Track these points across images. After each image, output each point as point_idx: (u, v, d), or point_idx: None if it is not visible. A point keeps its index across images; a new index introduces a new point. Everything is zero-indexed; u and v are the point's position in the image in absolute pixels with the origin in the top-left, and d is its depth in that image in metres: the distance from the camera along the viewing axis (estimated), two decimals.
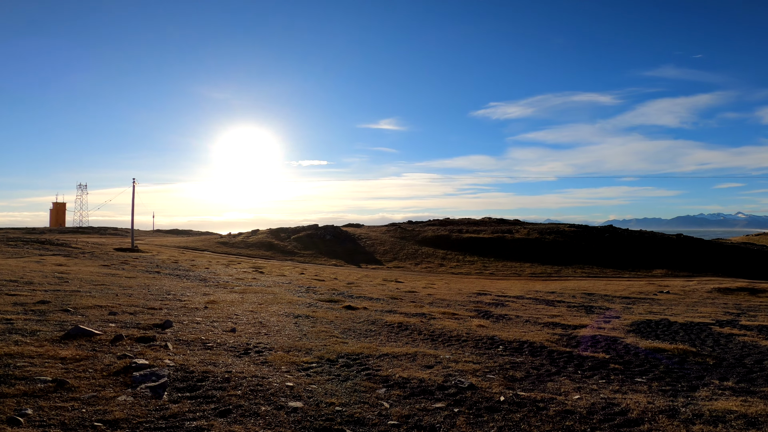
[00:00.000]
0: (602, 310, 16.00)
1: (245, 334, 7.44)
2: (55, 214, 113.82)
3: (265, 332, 7.68)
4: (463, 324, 10.41)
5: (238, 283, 17.29)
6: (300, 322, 8.87)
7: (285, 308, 10.64)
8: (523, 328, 10.43)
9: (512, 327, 10.45)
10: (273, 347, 6.63)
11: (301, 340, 7.20)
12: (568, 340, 8.96)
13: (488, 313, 13.12)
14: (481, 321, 11.08)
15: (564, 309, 15.64)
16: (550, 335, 9.34)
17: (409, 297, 16.47)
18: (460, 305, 15.10)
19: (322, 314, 10.06)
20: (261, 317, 9.09)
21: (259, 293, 13.68)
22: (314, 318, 9.43)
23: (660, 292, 24.98)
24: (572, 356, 7.50)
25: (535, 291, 24.20)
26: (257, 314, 9.39)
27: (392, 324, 9.58)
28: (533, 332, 9.70)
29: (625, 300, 20.73)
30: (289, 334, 7.67)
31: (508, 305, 15.92)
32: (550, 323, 11.30)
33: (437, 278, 32.75)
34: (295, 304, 11.54)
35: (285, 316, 9.46)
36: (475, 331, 9.44)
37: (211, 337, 6.99)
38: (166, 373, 4.96)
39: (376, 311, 11.45)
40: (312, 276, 26.72)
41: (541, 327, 10.66)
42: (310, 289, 17.09)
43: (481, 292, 20.98)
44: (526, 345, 8.20)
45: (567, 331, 10.14)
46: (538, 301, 17.97)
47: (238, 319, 8.66)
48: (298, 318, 9.29)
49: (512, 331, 9.69)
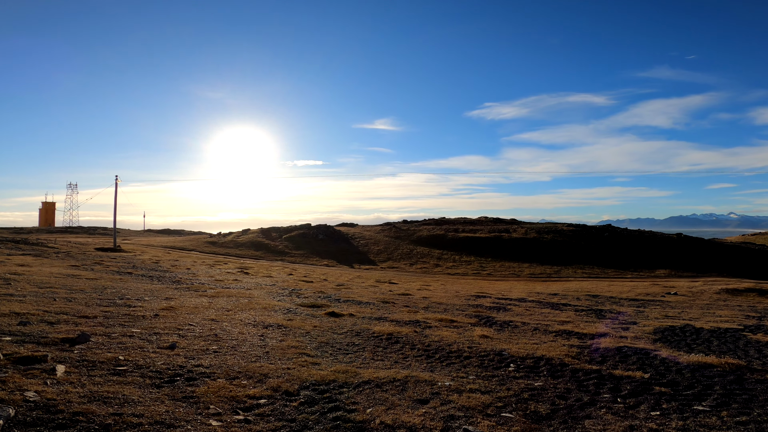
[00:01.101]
0: (614, 314, 14.61)
1: (187, 351, 5.92)
2: (44, 214, 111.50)
3: (215, 349, 6.16)
4: (464, 334, 8.94)
5: (215, 286, 15.72)
6: (268, 334, 7.36)
7: (256, 316, 9.13)
8: (533, 338, 8.98)
9: (521, 337, 8.99)
10: (215, 372, 5.11)
11: (259, 361, 5.69)
12: (590, 354, 7.53)
13: (490, 320, 11.67)
14: (483, 330, 9.62)
15: (572, 313, 14.24)
16: (567, 348, 7.90)
17: (403, 300, 14.99)
18: (459, 310, 13.65)
19: (299, 323, 8.56)
20: (221, 328, 7.57)
21: (233, 297, 12.14)
22: (287, 329, 7.92)
23: (667, 294, 23.68)
24: (603, 376, 6.06)
25: (537, 293, 22.81)
26: (218, 324, 7.88)
27: (380, 335, 8.09)
28: (547, 344, 8.25)
29: (633, 302, 19.38)
30: (246, 351, 6.15)
31: (511, 309, 14.48)
32: (563, 332, 9.86)
33: (433, 279, 31.29)
34: (270, 311, 10.02)
35: (252, 326, 7.95)
36: (478, 343, 7.98)
37: (136, 356, 5.47)
38: (8, 414, 3.42)
39: (363, 318, 9.96)
40: (300, 277, 25.17)
41: (553, 336, 9.22)
42: (294, 292, 15.57)
43: (480, 295, 19.54)
44: (543, 362, 6.75)
45: (585, 342, 8.71)
46: (542, 305, 16.56)
47: (189, 331, 7.15)
48: (267, 329, 7.78)
49: (522, 343, 8.23)
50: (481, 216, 66.45)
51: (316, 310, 10.85)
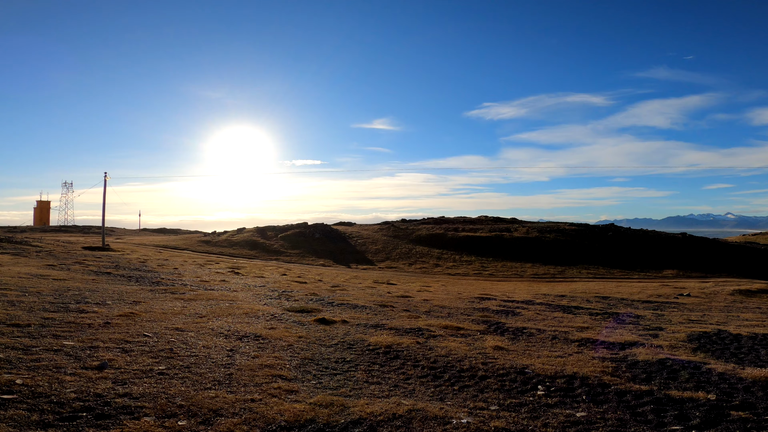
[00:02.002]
0: (633, 318, 13.39)
1: (120, 373, 4.63)
2: (39, 213, 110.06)
3: (161, 370, 4.88)
4: (474, 345, 7.70)
5: (198, 287, 14.42)
6: (240, 348, 6.10)
7: (233, 323, 7.85)
8: (554, 349, 7.74)
9: (540, 348, 7.75)
10: (144, 407, 3.81)
11: (216, 389, 4.41)
12: (629, 369, 6.30)
13: (501, 326, 10.42)
14: (496, 339, 8.37)
15: (588, 318, 13.01)
16: (599, 361, 6.67)
17: (402, 303, 13.73)
18: (464, 314, 12.40)
19: (281, 333, 7.29)
20: (183, 340, 6.30)
21: (212, 301, 10.86)
22: (265, 341, 6.65)
23: (680, 295, 22.50)
24: (659, 400, 4.85)
25: (543, 294, 21.58)
26: (181, 335, 6.60)
27: (377, 348, 6.84)
28: (573, 357, 7.02)
29: (648, 305, 18.18)
30: (203, 373, 4.87)
31: (521, 314, 13.24)
32: (585, 340, 8.61)
33: (433, 280, 30.05)
34: (251, 317, 8.75)
35: (224, 337, 6.68)
36: (493, 357, 6.73)
37: (41, 380, 4.18)
38: None
39: (358, 326, 8.71)
40: (294, 277, 23.89)
41: (577, 347, 7.99)
42: (284, 294, 14.29)
43: (484, 297, 18.29)
44: (577, 382, 5.51)
45: (616, 352, 7.48)
46: (552, 308, 15.33)
47: (138, 345, 5.86)
48: (241, 340, 6.51)
49: (544, 357, 6.99)
50: (480, 215, 65.25)
51: (304, 315, 9.58)
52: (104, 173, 42.53)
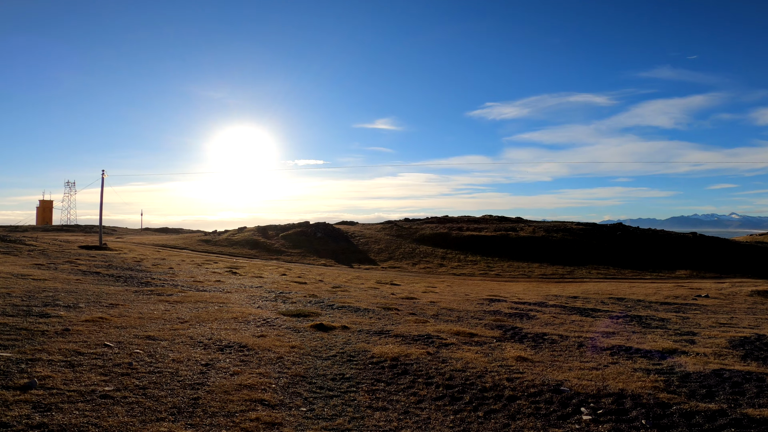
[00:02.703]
0: (658, 321, 12.38)
1: (48, 396, 3.69)
2: (41, 212, 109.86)
3: (109, 390, 3.95)
4: (493, 355, 6.72)
5: (189, 288, 13.50)
6: (218, 362, 5.14)
7: (218, 330, 6.90)
8: (585, 359, 6.75)
9: (568, 358, 6.77)
10: None
11: (172, 419, 3.46)
12: (683, 383, 5.33)
13: (518, 332, 9.44)
14: (516, 348, 7.39)
15: (609, 322, 12.00)
16: (643, 374, 5.71)
17: (408, 306, 12.76)
18: (475, 318, 11.43)
19: (271, 342, 6.33)
20: (151, 351, 5.35)
21: (201, 303, 9.92)
22: (251, 352, 5.69)
23: (698, 296, 21.41)
24: (737, 422, 3.99)
25: (554, 296, 20.56)
26: (152, 344, 5.66)
27: (382, 361, 5.87)
28: (611, 368, 6.04)
29: (667, 307, 17.14)
30: (161, 397, 3.91)
31: (536, 317, 12.25)
32: (617, 348, 7.62)
33: (438, 280, 29.05)
34: (240, 322, 7.80)
35: (203, 347, 5.73)
36: (518, 371, 5.75)
37: None
38: None
39: (360, 333, 7.74)
40: (294, 278, 22.95)
41: (611, 356, 7.00)
42: (281, 296, 13.34)
43: (493, 298, 17.30)
44: (628, 401, 4.57)
45: (657, 362, 6.51)
46: (567, 310, 14.33)
47: (91, 358, 4.93)
48: (222, 352, 5.56)
49: (576, 369, 6.01)
50: (485, 214, 64.16)
51: (301, 320, 8.62)
52: (102, 171, 41.77)
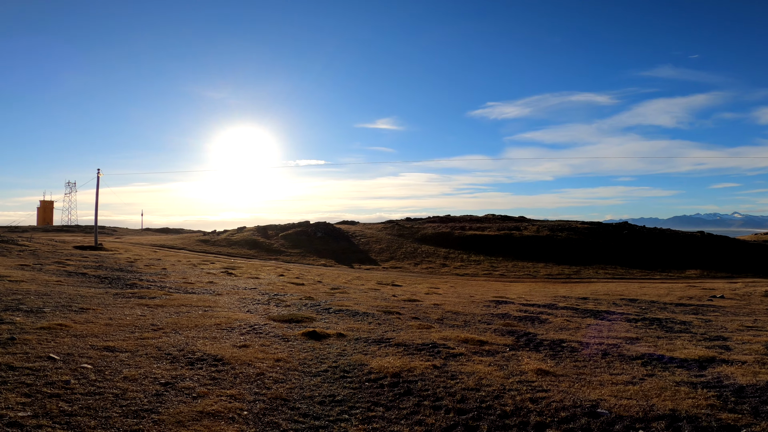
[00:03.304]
0: (681, 325, 11.49)
1: None
2: (42, 213, 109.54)
3: (17, 419, 3.14)
4: (509, 367, 5.86)
5: (177, 290, 12.68)
6: (183, 380, 4.29)
7: (195, 339, 6.06)
8: (614, 370, 5.90)
9: (595, 370, 5.91)
10: None
11: None
12: (740, 399, 4.54)
13: (532, 338, 8.58)
14: (534, 358, 6.53)
15: (627, 325, 11.12)
16: (688, 388, 4.89)
17: (410, 309, 11.91)
18: (483, 323, 10.57)
19: (254, 353, 5.48)
20: (103, 365, 4.52)
21: (185, 307, 9.09)
22: (228, 366, 4.84)
23: (713, 297, 20.51)
24: None
25: (563, 297, 19.69)
26: (109, 357, 4.82)
27: (381, 377, 5.02)
28: (648, 382, 5.20)
29: (684, 308, 16.25)
30: (87, 427, 3.08)
31: (548, 320, 11.39)
32: (648, 357, 6.74)
33: (440, 281, 28.18)
34: (223, 329, 6.96)
35: (170, 360, 4.89)
36: (541, 388, 4.90)
37: None
38: None
39: (357, 341, 6.89)
40: (292, 278, 22.12)
41: (642, 366, 6.14)
42: (275, 298, 12.51)
43: (500, 300, 16.44)
44: (685, 425, 3.71)
45: (699, 374, 5.66)
46: (580, 313, 13.45)
47: (27, 373, 4.14)
48: (192, 366, 4.72)
49: (608, 383, 5.17)
50: (487, 214, 63.27)
51: (292, 327, 7.77)
52: (97, 170, 41.03)
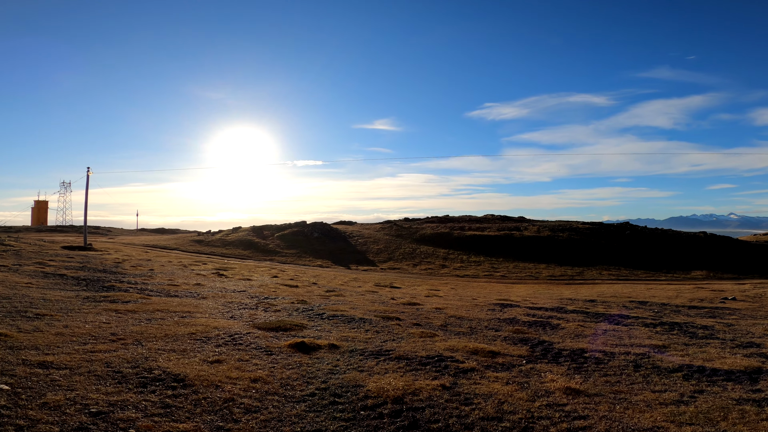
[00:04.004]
0: (705, 330, 10.61)
1: None
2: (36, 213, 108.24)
3: None
4: (530, 385, 4.96)
5: (158, 293, 11.73)
6: (122, 409, 3.36)
7: (158, 352, 5.13)
8: (654, 386, 5.02)
9: (631, 386, 5.02)
10: None
11: None
12: None
13: (548, 348, 7.67)
14: (555, 372, 5.62)
15: (647, 330, 10.24)
16: (754, 408, 3.96)
17: (410, 314, 10.99)
18: (491, 329, 9.67)
19: (226, 371, 4.55)
20: (24, 387, 3.60)
21: (161, 312, 8.14)
22: (188, 389, 3.91)
23: (725, 299, 19.70)
24: None
25: (569, 299, 18.82)
26: (39, 376, 3.90)
27: (380, 404, 4.11)
28: (702, 401, 4.30)
29: (698, 311, 15.40)
30: None
31: (560, 326, 10.49)
32: (687, 369, 5.85)
33: (440, 282, 27.28)
34: (197, 340, 6.02)
35: (118, 380, 3.97)
36: (576, 413, 4.00)
37: None
38: None
39: (351, 354, 5.97)
40: (286, 280, 21.18)
41: (684, 379, 5.25)
42: (265, 302, 11.57)
43: (504, 303, 15.54)
44: None
45: (755, 389, 4.76)
46: (591, 317, 12.55)
47: None
48: (143, 389, 3.80)
49: (654, 402, 4.31)
50: (486, 214, 62.45)
51: (278, 336, 6.84)
52: (87, 168, 39.95)
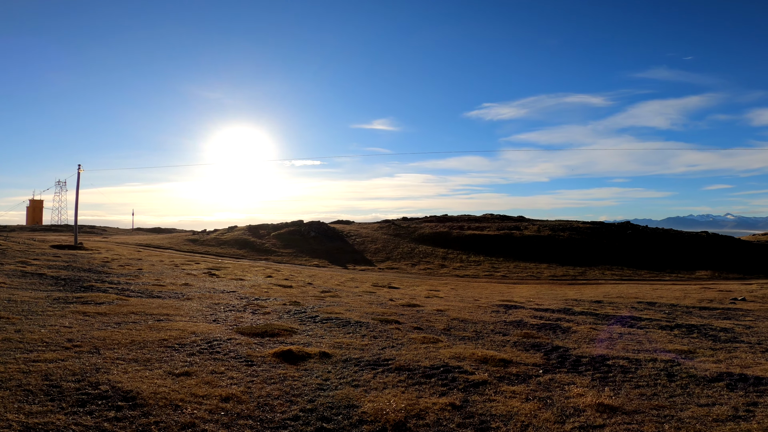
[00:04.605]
0: (725, 333, 9.89)
1: None
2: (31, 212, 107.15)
3: None
4: (555, 401, 4.23)
5: (141, 294, 10.95)
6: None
7: (115, 362, 4.38)
8: (698, 398, 4.29)
9: (672, 400, 4.28)
10: None
11: None
12: None
13: (564, 355, 6.93)
14: (579, 383, 4.88)
15: (665, 334, 9.51)
16: None
17: (410, 316, 10.24)
18: (498, 333, 8.92)
19: (192, 388, 3.81)
20: None
21: (136, 315, 7.36)
22: (138, 411, 3.20)
23: (735, 300, 19.04)
24: None
25: (574, 300, 18.12)
26: None
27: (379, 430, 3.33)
28: (762, 415, 3.50)
29: (710, 312, 14.71)
30: None
31: (571, 329, 9.75)
32: (727, 377, 5.09)
33: (440, 282, 26.53)
34: (168, 347, 5.25)
35: (50, 397, 3.26)
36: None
37: None
38: None
39: (345, 365, 5.21)
40: (280, 280, 20.40)
41: (729, 389, 4.53)
42: (254, 304, 10.80)
43: (508, 304, 14.80)
44: None
45: None
46: (602, 318, 11.82)
47: None
48: (80, 408, 3.09)
49: (705, 419, 3.64)
50: (486, 213, 61.78)
51: (263, 343, 6.07)
52: (78, 165, 39.00)
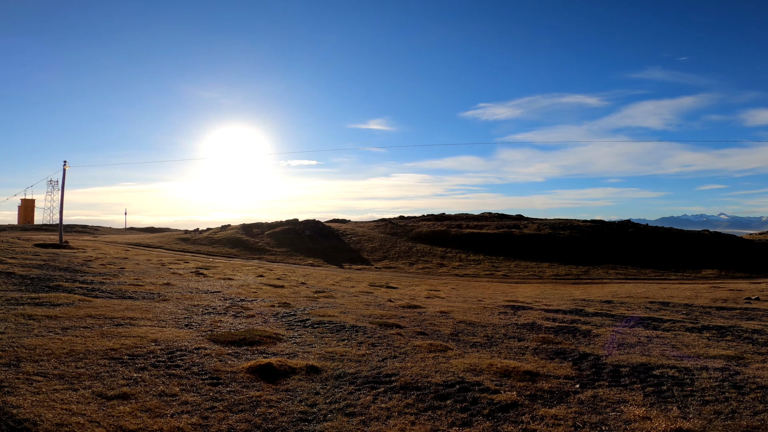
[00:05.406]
0: (761, 336, 8.91)
1: None
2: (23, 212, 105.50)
3: None
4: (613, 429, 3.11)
5: (112, 294, 9.86)
6: None
7: (28, 379, 3.28)
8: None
9: (753, 422, 3.21)
10: None
11: None
12: None
13: (596, 363, 5.91)
14: (632, 403, 3.88)
15: (695, 336, 8.52)
16: None
17: (412, 319, 9.18)
18: (512, 337, 7.89)
19: (120, 419, 2.75)
20: None
21: (92, 319, 6.28)
22: None
23: (749, 299, 18.13)
24: None
25: (582, 300, 17.13)
26: None
27: None
28: None
29: (730, 313, 13.76)
30: None
31: (592, 332, 8.74)
32: None
33: (440, 282, 25.50)
34: (114, 360, 4.19)
35: None
36: None
37: None
38: None
39: (337, 383, 4.15)
40: (272, 279, 19.30)
41: None
42: (238, 305, 9.71)
43: (515, 305, 13.78)
44: None
45: None
46: (619, 320, 10.82)
47: None
48: None
49: None
50: (484, 212, 60.88)
51: (239, 354, 4.99)
52: (63, 162, 37.60)
